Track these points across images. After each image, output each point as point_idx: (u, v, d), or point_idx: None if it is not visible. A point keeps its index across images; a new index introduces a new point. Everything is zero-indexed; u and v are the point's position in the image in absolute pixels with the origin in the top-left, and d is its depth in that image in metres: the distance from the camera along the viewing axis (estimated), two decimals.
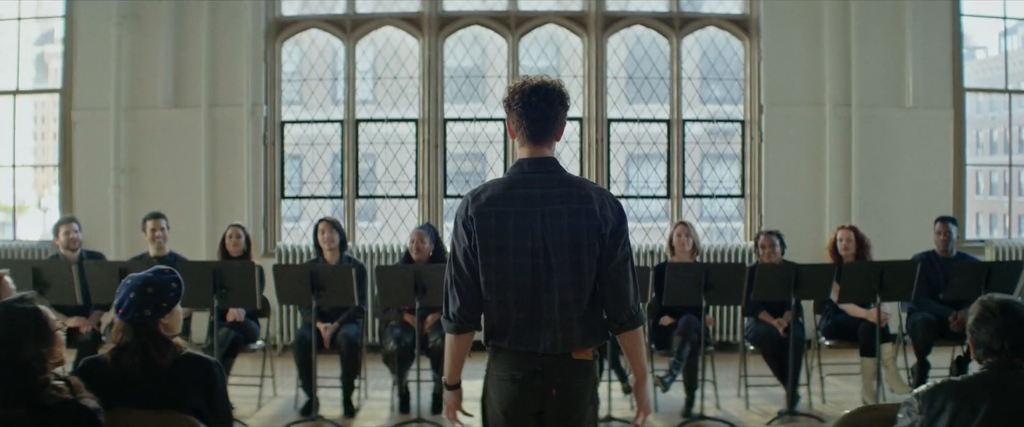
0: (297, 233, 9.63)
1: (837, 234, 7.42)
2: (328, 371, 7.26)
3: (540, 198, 3.10)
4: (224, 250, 7.41)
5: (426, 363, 7.00)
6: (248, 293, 6.50)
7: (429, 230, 7.38)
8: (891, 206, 9.36)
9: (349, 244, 9.22)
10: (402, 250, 7.95)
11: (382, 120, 9.57)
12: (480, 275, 3.13)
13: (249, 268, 6.55)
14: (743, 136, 9.60)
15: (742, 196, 9.62)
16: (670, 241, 7.43)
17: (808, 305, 8.17)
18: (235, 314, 7.10)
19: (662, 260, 8.84)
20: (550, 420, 3.12)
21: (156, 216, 7.43)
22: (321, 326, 7.01)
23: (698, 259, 7.58)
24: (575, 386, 3.12)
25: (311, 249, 8.16)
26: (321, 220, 7.45)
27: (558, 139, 3.20)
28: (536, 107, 3.12)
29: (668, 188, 9.55)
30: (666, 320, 7.12)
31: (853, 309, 7.18)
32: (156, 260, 7.14)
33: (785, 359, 6.78)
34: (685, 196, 9.58)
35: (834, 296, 6.95)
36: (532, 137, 3.16)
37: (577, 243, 3.07)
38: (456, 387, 3.35)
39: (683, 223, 7.41)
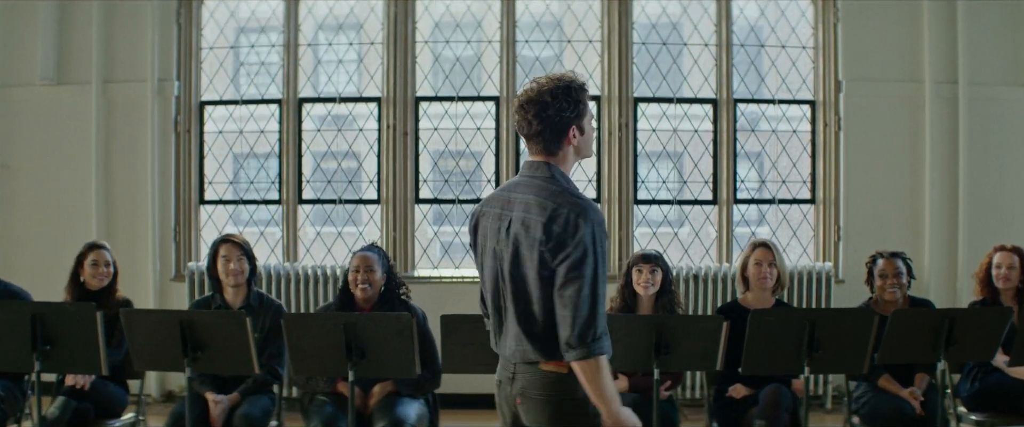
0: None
1: (993, 257, 5.06)
2: None
3: (512, 204, 3.04)
4: (77, 282, 5.08)
5: None
6: (88, 351, 4.14)
7: (379, 255, 5.03)
8: (1011, 210, 7.12)
9: (289, 267, 6.85)
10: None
11: (333, 99, 7.21)
12: None
13: (87, 314, 4.16)
14: (813, 121, 7.25)
15: (811, 201, 7.26)
16: (743, 270, 5.07)
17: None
18: (78, 379, 4.74)
19: (728, 299, 6.53)
20: None
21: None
22: (211, 398, 4.65)
23: (782, 298, 5.22)
24: (542, 398, 2.98)
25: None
26: (221, 240, 5.12)
27: (569, 143, 3.02)
28: (522, 126, 3.06)
29: (714, 189, 7.19)
30: (739, 391, 4.76)
31: (1019, 371, 4.81)
32: None
33: None
34: (737, 201, 7.22)
35: (999, 359, 4.61)
36: (528, 146, 3.10)
37: (519, 257, 2.98)
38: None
39: (764, 246, 5.07)
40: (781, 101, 7.28)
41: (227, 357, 4.24)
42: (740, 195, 7.22)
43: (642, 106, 7.15)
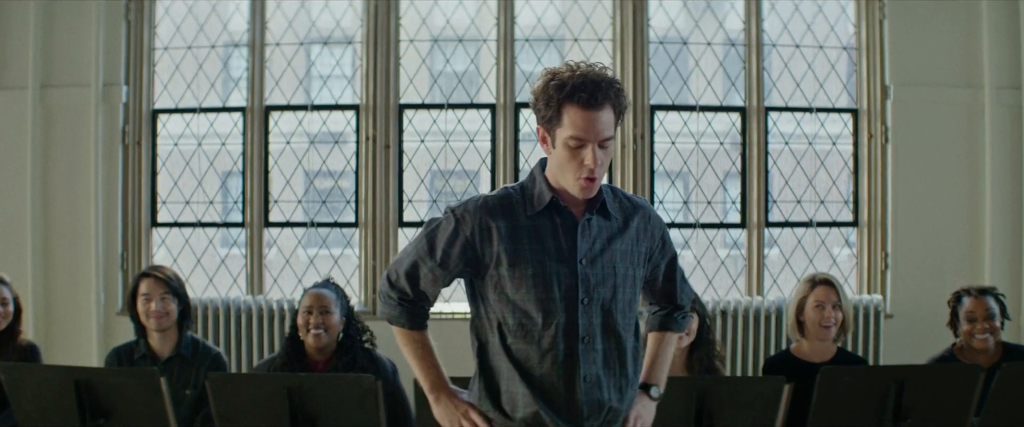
0: None
1: None
2: None
3: None
4: None
5: None
6: None
7: (336, 293, 4.12)
8: None
9: (252, 300, 5.91)
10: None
11: (304, 107, 6.27)
12: None
13: None
14: (855, 132, 6.31)
15: (854, 223, 6.31)
16: (798, 312, 4.13)
17: None
18: None
19: (760, 339, 5.61)
20: None
21: None
22: None
23: (844, 344, 4.27)
24: None
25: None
26: (141, 274, 4.21)
27: (543, 145, 2.76)
28: None
29: (743, 211, 6.24)
30: None
31: None
32: None
33: None
34: (769, 224, 6.27)
35: None
36: None
37: None
38: None
39: (827, 283, 4.12)
40: (819, 109, 6.34)
41: (137, 422, 3.30)
42: (773, 216, 6.28)
43: (660, 115, 6.22)
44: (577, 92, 2.64)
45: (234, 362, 5.88)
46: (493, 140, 6.15)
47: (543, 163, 2.82)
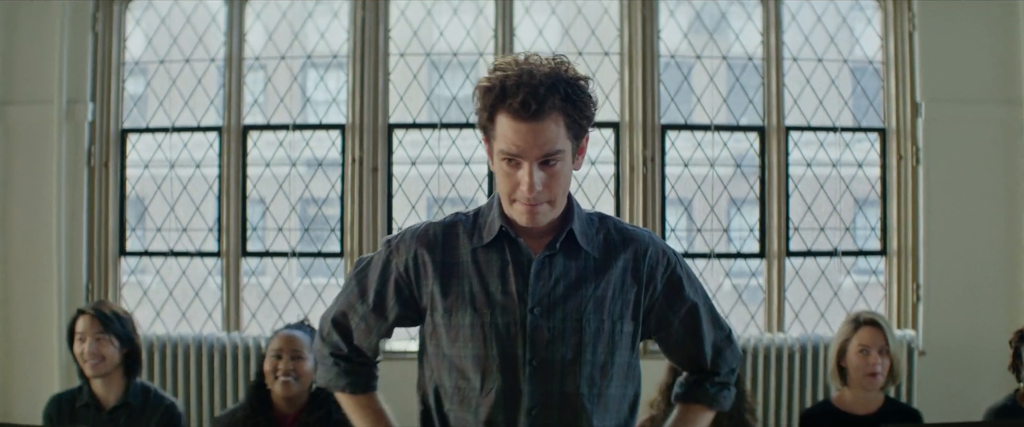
0: (147, 312, 5.81)
1: None
2: None
3: None
4: None
5: None
6: None
7: (310, 336, 3.66)
8: None
9: (228, 338, 5.41)
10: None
11: (285, 127, 5.78)
12: None
13: None
14: (884, 154, 5.82)
15: (882, 252, 5.82)
16: (839, 357, 3.65)
17: None
18: None
19: (783, 379, 5.13)
20: None
21: None
22: None
23: (892, 393, 3.78)
24: None
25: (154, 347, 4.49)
26: (80, 310, 3.77)
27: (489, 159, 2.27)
28: None
29: (762, 240, 5.74)
30: None
31: None
32: None
33: None
34: (790, 254, 5.77)
35: None
36: None
37: None
38: None
39: (873, 324, 3.65)
40: (844, 129, 5.85)
41: None
42: (793, 246, 5.78)
43: (671, 135, 5.73)
44: (508, 97, 2.07)
45: (206, 406, 5.39)
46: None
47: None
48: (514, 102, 2.06)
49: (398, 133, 5.71)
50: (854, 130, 5.87)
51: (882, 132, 5.83)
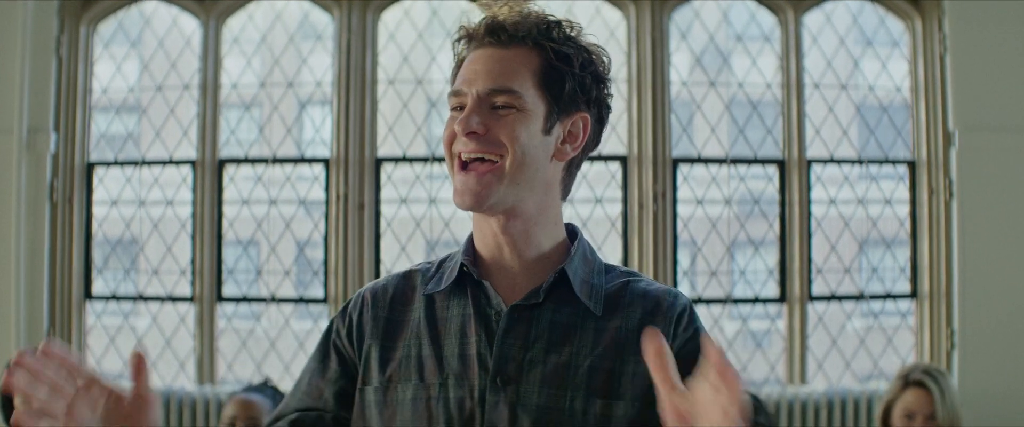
0: (113, 362, 5.37)
1: None
2: None
3: None
4: None
5: None
6: None
7: (271, 400, 3.28)
8: None
9: (201, 391, 4.98)
10: None
11: (265, 160, 5.34)
12: None
13: None
14: (913, 188, 5.39)
15: (913, 295, 5.38)
16: (885, 417, 3.27)
17: None
18: None
19: None
20: None
21: None
22: None
23: None
24: None
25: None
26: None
27: None
28: None
29: (782, 283, 5.30)
30: None
31: None
32: None
33: None
34: (812, 298, 5.32)
35: None
36: None
37: None
38: None
39: (922, 386, 3.27)
40: (870, 161, 5.42)
41: None
42: (816, 289, 5.34)
43: (683, 169, 5.29)
44: (476, 36, 1.69)
45: None
46: None
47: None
48: (479, 29, 1.67)
49: (387, 167, 5.26)
50: (881, 162, 5.45)
51: (911, 164, 5.40)
